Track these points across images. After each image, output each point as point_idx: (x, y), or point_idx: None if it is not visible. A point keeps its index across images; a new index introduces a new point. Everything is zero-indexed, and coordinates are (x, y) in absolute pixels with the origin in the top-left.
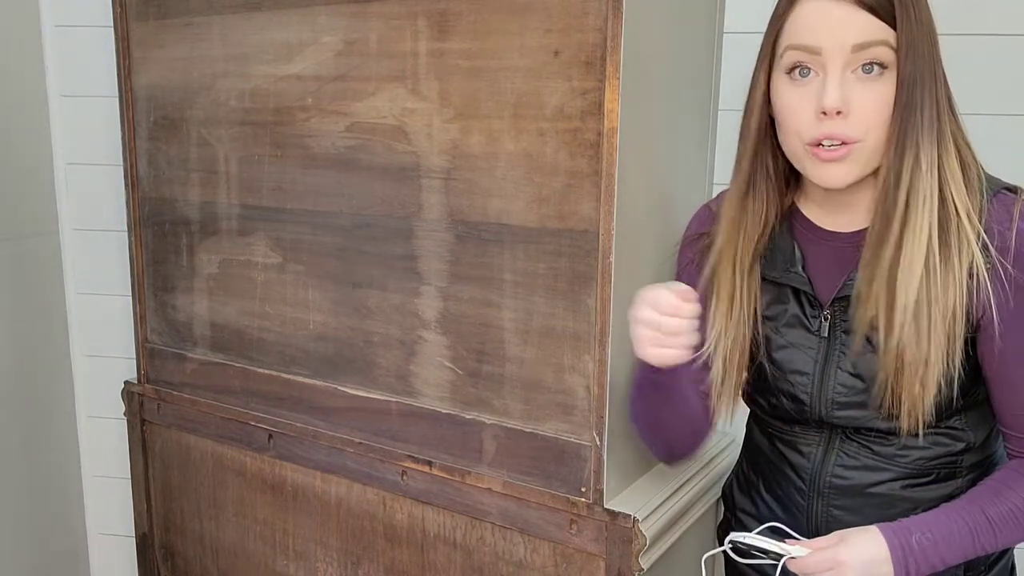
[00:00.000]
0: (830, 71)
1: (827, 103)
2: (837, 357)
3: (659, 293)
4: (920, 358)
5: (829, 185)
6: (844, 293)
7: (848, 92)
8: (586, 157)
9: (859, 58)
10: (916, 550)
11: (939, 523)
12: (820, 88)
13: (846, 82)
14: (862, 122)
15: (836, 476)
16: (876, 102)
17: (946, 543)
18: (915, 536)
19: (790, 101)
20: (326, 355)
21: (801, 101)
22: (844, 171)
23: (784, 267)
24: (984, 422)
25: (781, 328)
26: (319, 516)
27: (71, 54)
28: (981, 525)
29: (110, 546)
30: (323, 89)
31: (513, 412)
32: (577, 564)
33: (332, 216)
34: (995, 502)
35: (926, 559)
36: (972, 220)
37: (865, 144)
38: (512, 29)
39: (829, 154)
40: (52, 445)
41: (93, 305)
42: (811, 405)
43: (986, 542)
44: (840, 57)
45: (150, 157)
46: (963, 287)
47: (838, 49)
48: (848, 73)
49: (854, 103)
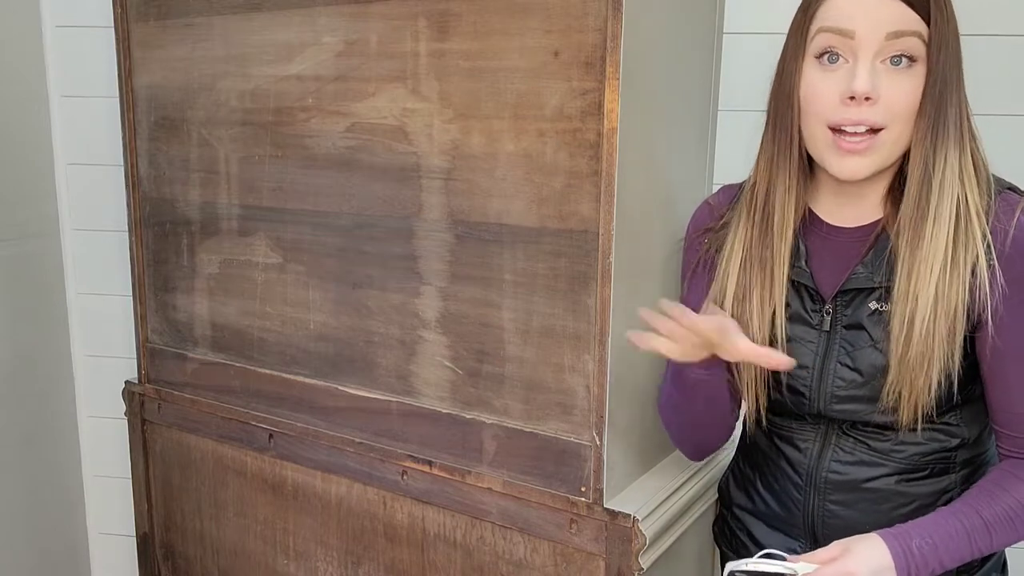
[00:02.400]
0: (861, 57)
1: (857, 87)
2: (837, 351)
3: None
4: (926, 353)
5: (846, 178)
6: (847, 287)
7: (877, 80)
8: (586, 157)
9: (891, 47)
10: (917, 555)
11: (937, 527)
12: (849, 74)
13: (876, 70)
14: (888, 110)
15: (832, 471)
16: (904, 93)
17: (944, 547)
18: (915, 541)
19: (817, 85)
20: (326, 355)
21: (829, 85)
22: (864, 164)
23: (791, 262)
24: (978, 419)
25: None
26: (319, 516)
27: (72, 54)
28: (977, 527)
29: (110, 546)
30: (323, 89)
31: (513, 412)
32: (577, 564)
33: (332, 216)
34: (990, 504)
35: (926, 564)
36: (981, 220)
37: (888, 135)
38: (512, 29)
39: (851, 145)
40: (52, 445)
41: (94, 305)
42: (810, 398)
43: (982, 544)
44: (873, 43)
45: (151, 157)
46: (966, 285)
47: (872, 35)
48: (878, 63)
49: (882, 90)
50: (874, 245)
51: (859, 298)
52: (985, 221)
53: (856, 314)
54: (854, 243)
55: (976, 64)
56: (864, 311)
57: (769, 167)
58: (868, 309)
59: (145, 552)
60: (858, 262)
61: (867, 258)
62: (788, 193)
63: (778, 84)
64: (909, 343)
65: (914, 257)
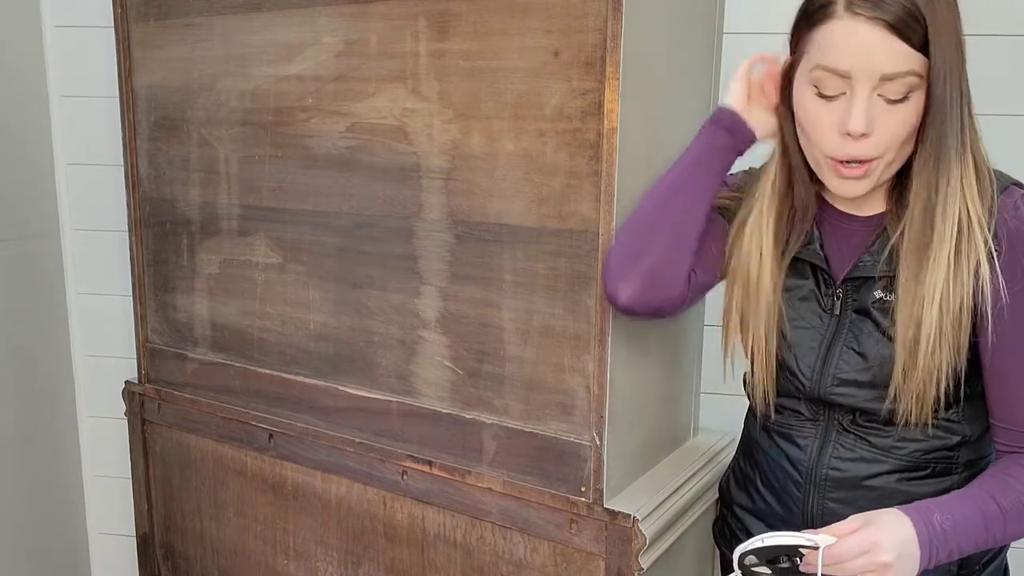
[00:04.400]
0: (857, 93)
1: (852, 128)
2: (845, 335)
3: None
4: (933, 364)
5: (845, 196)
6: (856, 274)
7: (873, 113)
8: (586, 157)
9: (887, 87)
10: (938, 530)
11: (956, 507)
12: (846, 109)
13: (873, 103)
14: (882, 142)
15: (833, 468)
16: (899, 125)
17: (963, 527)
18: (936, 516)
19: (816, 115)
20: (326, 355)
21: (828, 117)
22: (861, 186)
23: (803, 244)
24: (979, 417)
25: (795, 302)
26: (319, 516)
27: (71, 54)
28: (993, 513)
29: (110, 546)
30: (323, 89)
31: (513, 412)
32: (577, 564)
33: (332, 216)
34: (1004, 491)
35: (945, 542)
36: (982, 225)
37: (882, 162)
38: (512, 30)
39: (850, 171)
40: (52, 445)
41: (94, 305)
42: (812, 380)
43: (997, 531)
44: (868, 82)
45: (151, 157)
46: (969, 289)
47: (866, 75)
48: (875, 95)
49: (878, 124)
50: (879, 237)
51: (866, 285)
52: (986, 225)
53: (863, 300)
54: (864, 230)
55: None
56: (869, 298)
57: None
58: (873, 297)
59: (145, 552)
60: (865, 250)
61: (873, 248)
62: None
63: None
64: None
65: (918, 280)
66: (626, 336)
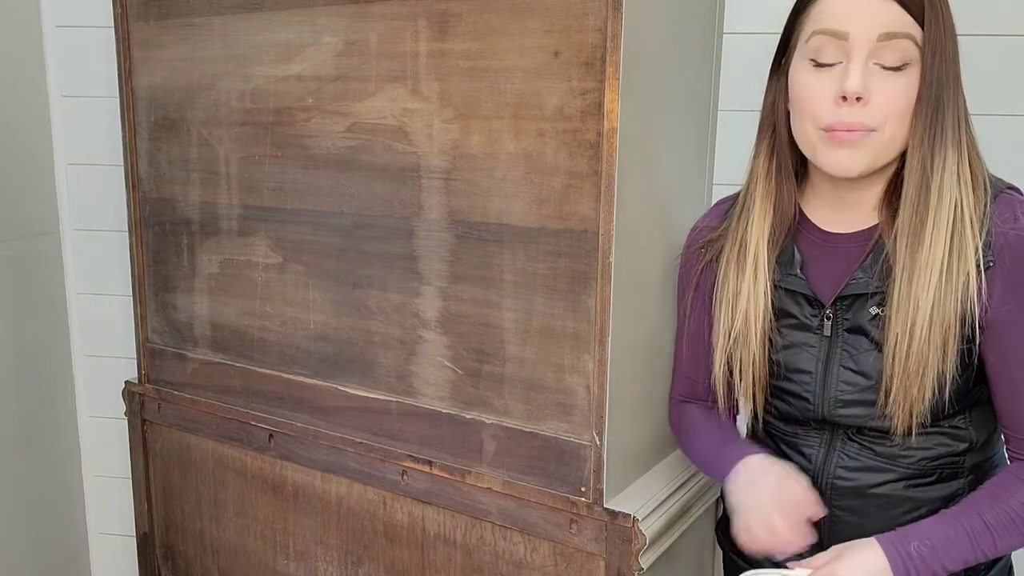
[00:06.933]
0: (854, 58)
1: (849, 87)
2: (840, 355)
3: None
4: (922, 361)
5: (839, 173)
6: (847, 292)
7: (870, 80)
8: (586, 157)
9: (884, 48)
10: (916, 558)
11: (937, 530)
12: (842, 74)
13: (869, 71)
14: (880, 111)
15: (838, 477)
16: (896, 94)
17: (945, 550)
18: (914, 544)
19: (809, 86)
20: (326, 355)
21: (821, 86)
22: (856, 159)
23: (784, 270)
24: (986, 422)
25: (783, 329)
26: (319, 516)
27: (71, 54)
28: (979, 531)
29: (110, 546)
30: (323, 89)
31: (513, 412)
32: (577, 564)
33: (332, 216)
34: (993, 507)
35: (926, 566)
36: (974, 230)
37: (880, 135)
38: (512, 30)
39: (844, 135)
40: (52, 445)
41: (94, 305)
42: (815, 404)
43: (986, 547)
44: (866, 44)
45: (151, 157)
46: (959, 296)
47: (865, 36)
48: (871, 63)
49: (874, 92)
50: (872, 250)
51: (858, 303)
52: (979, 230)
53: (856, 318)
54: (851, 248)
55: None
56: (864, 315)
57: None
58: (868, 314)
59: (145, 552)
60: (856, 267)
61: (865, 263)
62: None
63: (769, 87)
64: (909, 348)
65: (914, 261)
66: (626, 336)
